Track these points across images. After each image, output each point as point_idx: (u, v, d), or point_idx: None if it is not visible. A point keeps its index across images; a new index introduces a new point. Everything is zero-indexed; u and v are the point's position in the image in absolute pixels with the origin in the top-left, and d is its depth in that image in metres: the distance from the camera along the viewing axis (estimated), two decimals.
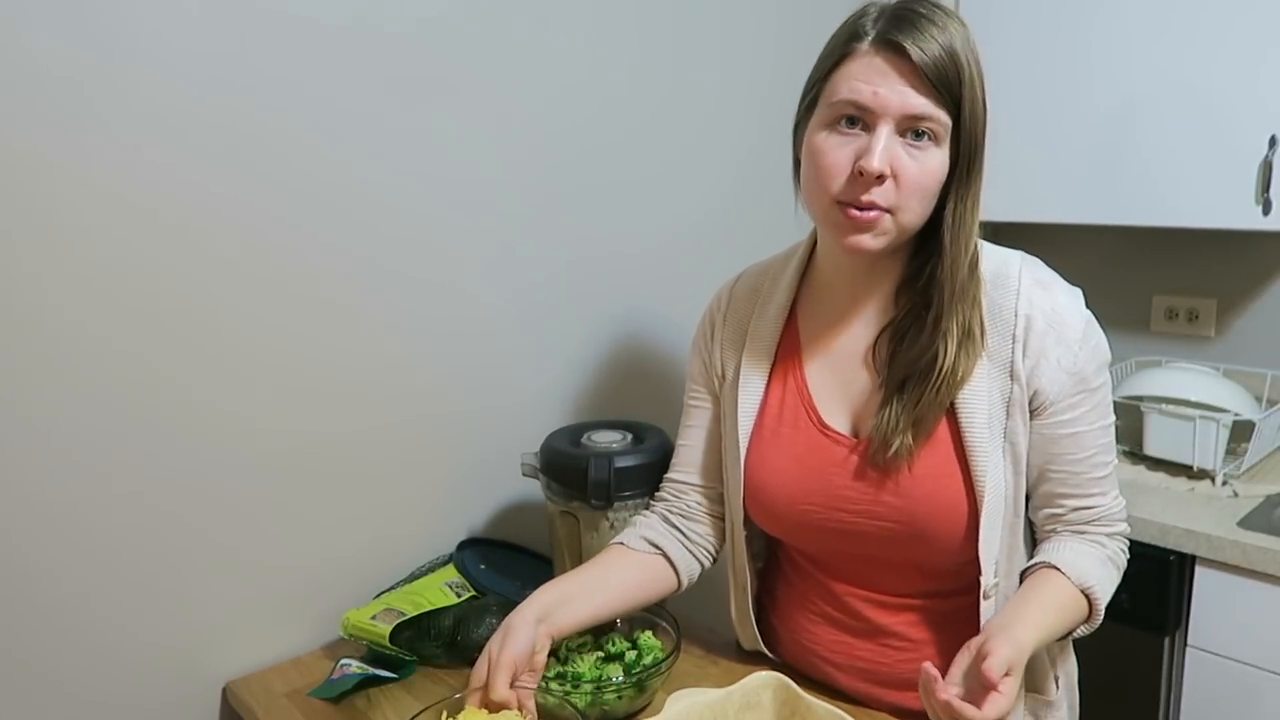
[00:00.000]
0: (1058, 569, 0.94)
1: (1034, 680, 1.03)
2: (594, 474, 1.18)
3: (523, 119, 1.38)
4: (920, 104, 0.83)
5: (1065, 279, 0.98)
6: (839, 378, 0.99)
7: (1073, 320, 0.92)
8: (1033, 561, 0.97)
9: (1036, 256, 0.99)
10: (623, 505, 1.21)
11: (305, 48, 1.14)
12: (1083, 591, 0.93)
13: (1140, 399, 1.72)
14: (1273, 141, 1.54)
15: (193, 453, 1.12)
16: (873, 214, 0.86)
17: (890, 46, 0.83)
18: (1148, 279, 2.03)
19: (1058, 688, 1.05)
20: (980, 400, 0.91)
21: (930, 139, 0.85)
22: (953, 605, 0.99)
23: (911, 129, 0.84)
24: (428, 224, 1.29)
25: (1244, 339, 1.92)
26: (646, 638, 1.09)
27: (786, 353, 1.03)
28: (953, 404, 0.92)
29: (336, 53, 1.16)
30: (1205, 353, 1.96)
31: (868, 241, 0.88)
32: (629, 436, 1.27)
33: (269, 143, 1.12)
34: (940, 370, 0.90)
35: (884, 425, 0.92)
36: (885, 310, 0.97)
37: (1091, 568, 0.95)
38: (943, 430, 0.93)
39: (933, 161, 0.85)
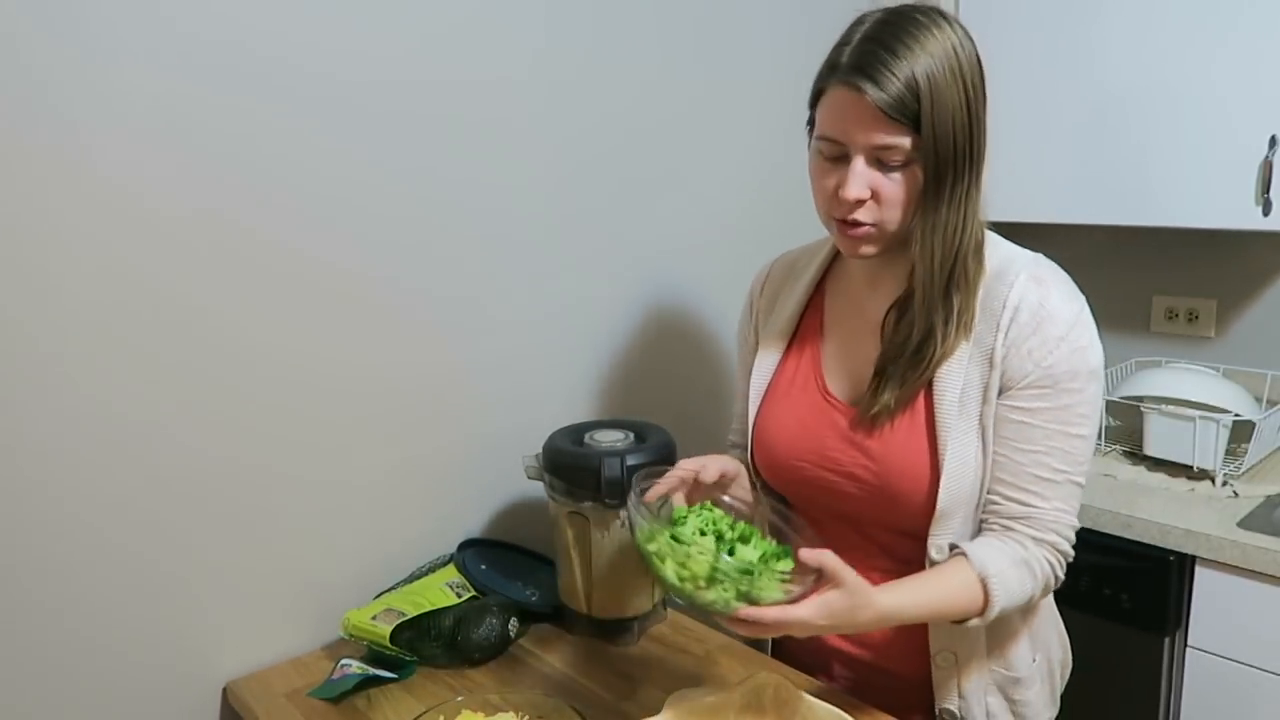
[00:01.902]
0: (964, 554, 0.95)
1: (1001, 653, 1.05)
2: (608, 473, 1.17)
3: (535, 123, 1.38)
4: (882, 138, 0.89)
5: (1024, 248, 1.02)
6: (849, 348, 1.07)
7: (1059, 318, 0.94)
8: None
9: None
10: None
11: (325, 51, 1.14)
12: (980, 579, 0.94)
13: (1140, 399, 1.72)
14: (1273, 141, 1.54)
15: (193, 453, 1.12)
16: (862, 229, 0.95)
17: (851, 87, 0.89)
18: (1148, 279, 2.03)
19: (1033, 662, 1.07)
20: (955, 379, 0.96)
21: (900, 161, 0.91)
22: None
23: (880, 157, 0.91)
24: (429, 227, 1.29)
25: (1244, 339, 1.92)
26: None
27: (809, 324, 1.12)
28: (931, 380, 0.98)
29: (356, 55, 1.16)
30: (1205, 353, 1.96)
31: (863, 250, 0.97)
32: (631, 435, 1.27)
33: (280, 143, 1.12)
34: (927, 348, 0.97)
35: (870, 393, 1.00)
36: (897, 288, 1.03)
37: (998, 561, 0.95)
38: (920, 404, 0.99)
39: (907, 179, 0.92)
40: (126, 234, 1.03)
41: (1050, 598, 1.12)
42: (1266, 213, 1.57)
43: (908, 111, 0.87)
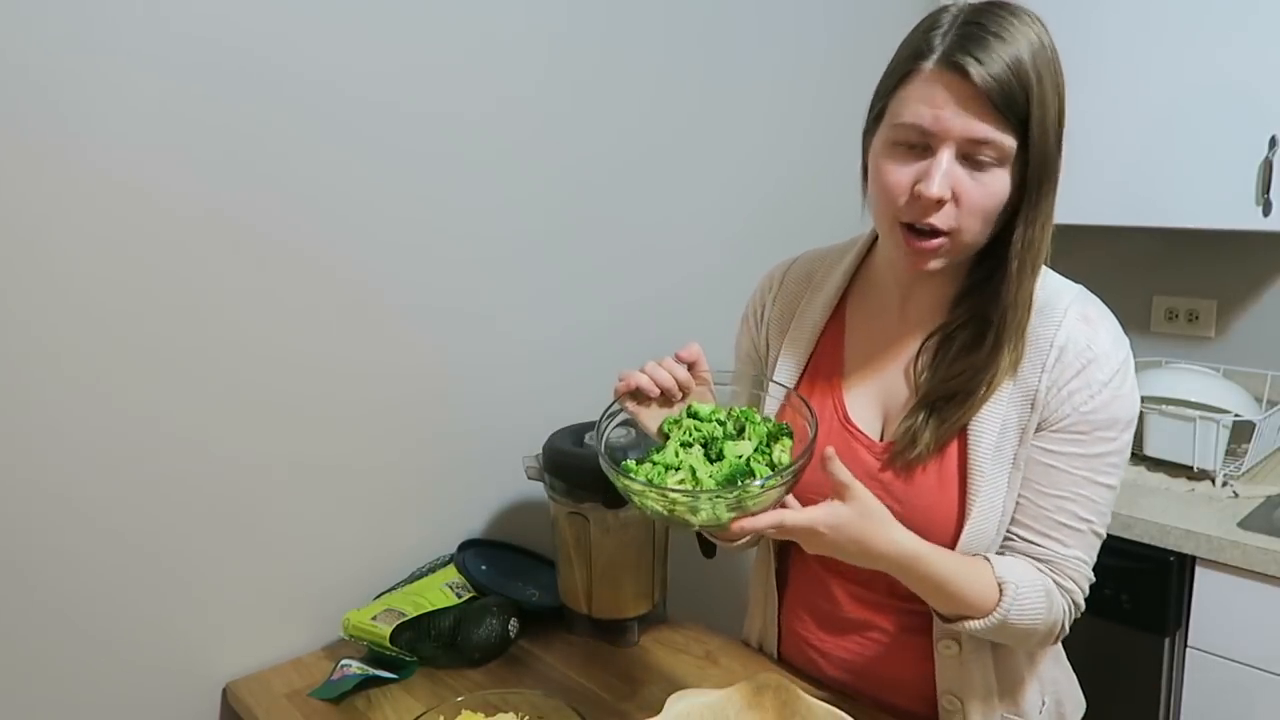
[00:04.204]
0: (987, 560, 0.91)
1: (1009, 692, 1.01)
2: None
3: (538, 125, 1.37)
4: (983, 130, 0.81)
5: (1068, 279, 0.96)
6: (876, 380, 0.99)
7: (1105, 362, 0.89)
8: None
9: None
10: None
11: (333, 56, 1.13)
12: (999, 582, 0.89)
13: (1140, 399, 1.72)
14: (1273, 142, 1.54)
15: (193, 453, 1.12)
16: (935, 241, 0.85)
17: (954, 68, 0.80)
18: (1148, 279, 2.03)
19: (1042, 708, 1.02)
20: (993, 422, 0.90)
21: (994, 162, 0.83)
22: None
23: (974, 153, 0.82)
24: (430, 228, 1.29)
25: (1244, 340, 1.92)
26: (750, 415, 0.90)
27: (829, 343, 1.03)
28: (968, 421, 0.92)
29: (363, 60, 1.16)
30: (1205, 353, 1.96)
31: (930, 265, 0.88)
32: (631, 434, 1.26)
33: (286, 147, 1.12)
34: (977, 388, 0.90)
35: (910, 432, 0.93)
36: (935, 316, 0.96)
37: (1022, 575, 0.90)
38: (953, 446, 0.93)
39: (996, 184, 0.83)
40: (129, 235, 1.03)
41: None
42: (1266, 213, 1.57)
43: (1015, 105, 0.80)
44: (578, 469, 1.20)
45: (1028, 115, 0.81)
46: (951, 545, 0.92)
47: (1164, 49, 1.65)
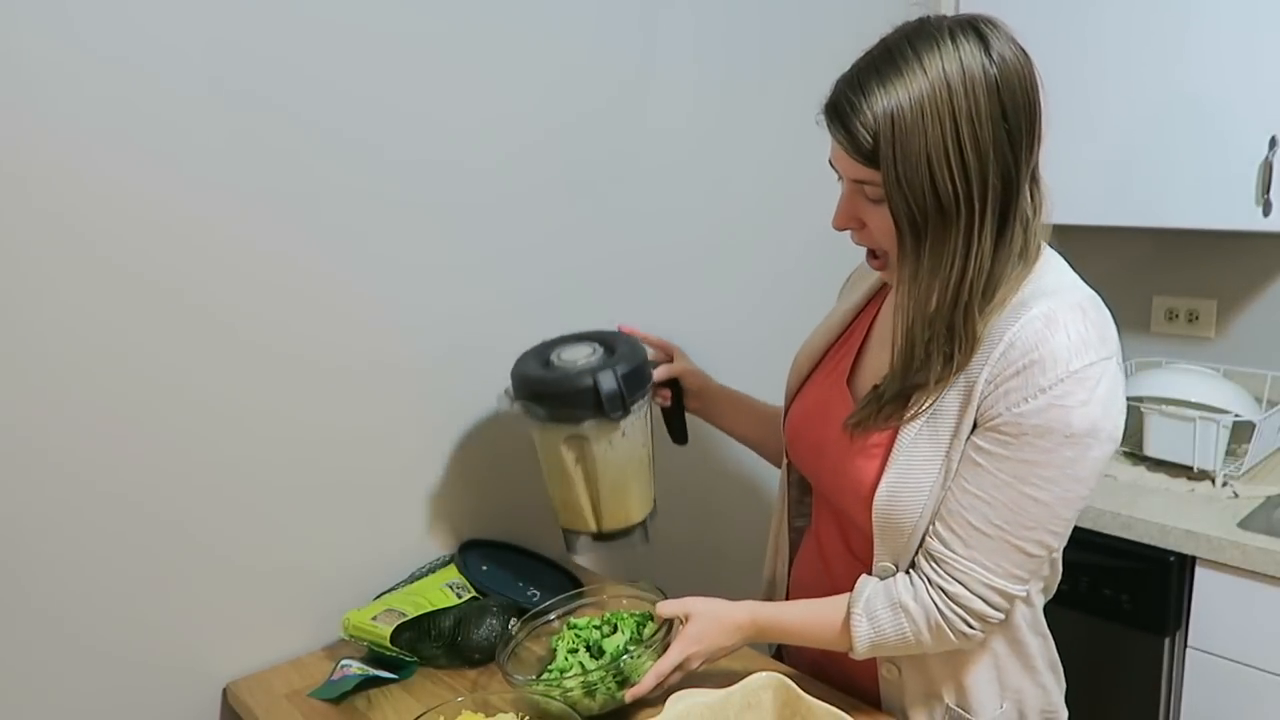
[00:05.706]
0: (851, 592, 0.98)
1: (958, 687, 1.01)
2: (606, 386, 1.12)
3: (532, 119, 1.37)
4: (855, 170, 0.87)
5: (1079, 281, 0.95)
6: (881, 350, 1.04)
7: (1052, 366, 0.84)
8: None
9: None
10: (634, 409, 1.17)
11: (315, 50, 1.13)
12: (849, 610, 0.96)
13: (1140, 400, 1.72)
14: (1273, 142, 1.54)
15: (193, 453, 1.12)
16: (875, 260, 0.96)
17: (824, 122, 0.89)
18: (1148, 280, 2.03)
19: (999, 712, 1.02)
20: (929, 404, 0.92)
21: (879, 196, 0.87)
22: None
23: (863, 189, 0.89)
24: (430, 226, 1.29)
25: (1244, 340, 1.92)
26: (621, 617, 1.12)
27: (868, 314, 1.11)
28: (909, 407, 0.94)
29: (345, 54, 1.16)
30: (1205, 353, 1.96)
31: (882, 276, 0.99)
32: (598, 347, 1.21)
33: (273, 143, 1.12)
34: (915, 391, 0.93)
35: (859, 412, 0.98)
36: None
37: (875, 598, 0.95)
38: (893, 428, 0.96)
39: (888, 216, 0.88)
40: (134, 237, 1.03)
41: (1038, 644, 1.03)
42: (1266, 213, 1.57)
43: (864, 150, 0.84)
44: (573, 391, 1.14)
45: (878, 161, 0.84)
46: (868, 512, 0.96)
47: (1164, 48, 1.64)
